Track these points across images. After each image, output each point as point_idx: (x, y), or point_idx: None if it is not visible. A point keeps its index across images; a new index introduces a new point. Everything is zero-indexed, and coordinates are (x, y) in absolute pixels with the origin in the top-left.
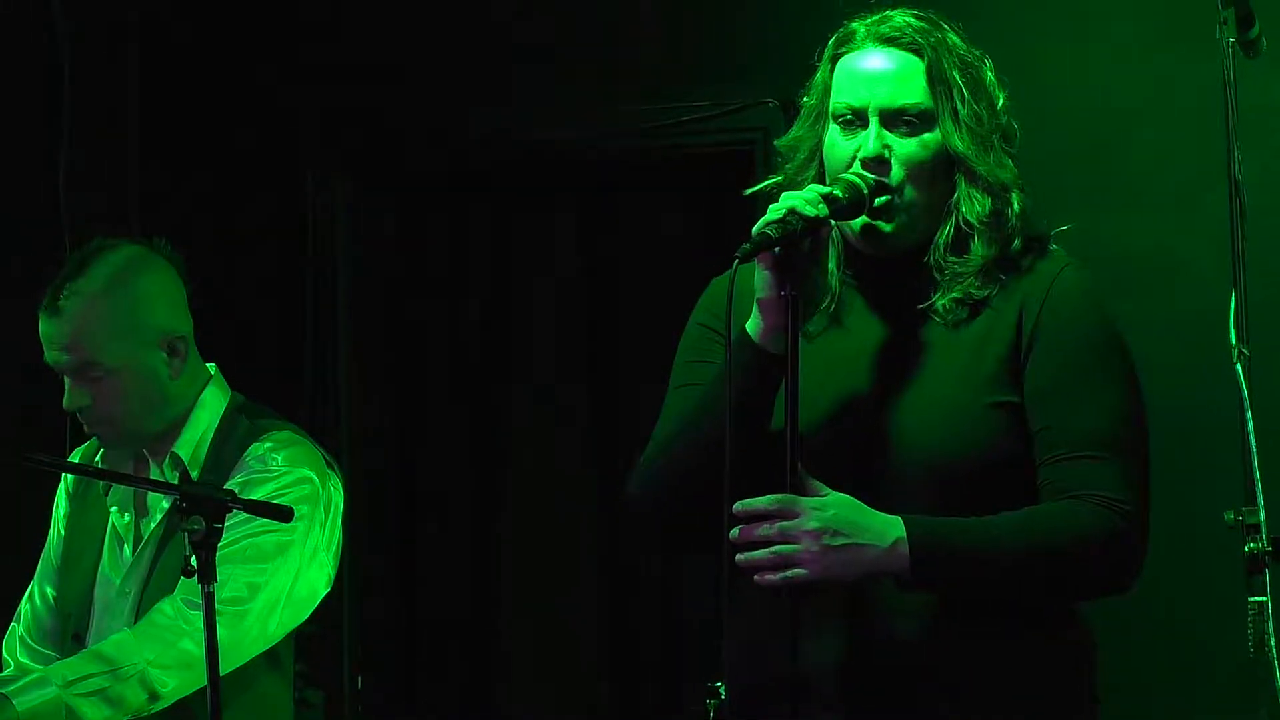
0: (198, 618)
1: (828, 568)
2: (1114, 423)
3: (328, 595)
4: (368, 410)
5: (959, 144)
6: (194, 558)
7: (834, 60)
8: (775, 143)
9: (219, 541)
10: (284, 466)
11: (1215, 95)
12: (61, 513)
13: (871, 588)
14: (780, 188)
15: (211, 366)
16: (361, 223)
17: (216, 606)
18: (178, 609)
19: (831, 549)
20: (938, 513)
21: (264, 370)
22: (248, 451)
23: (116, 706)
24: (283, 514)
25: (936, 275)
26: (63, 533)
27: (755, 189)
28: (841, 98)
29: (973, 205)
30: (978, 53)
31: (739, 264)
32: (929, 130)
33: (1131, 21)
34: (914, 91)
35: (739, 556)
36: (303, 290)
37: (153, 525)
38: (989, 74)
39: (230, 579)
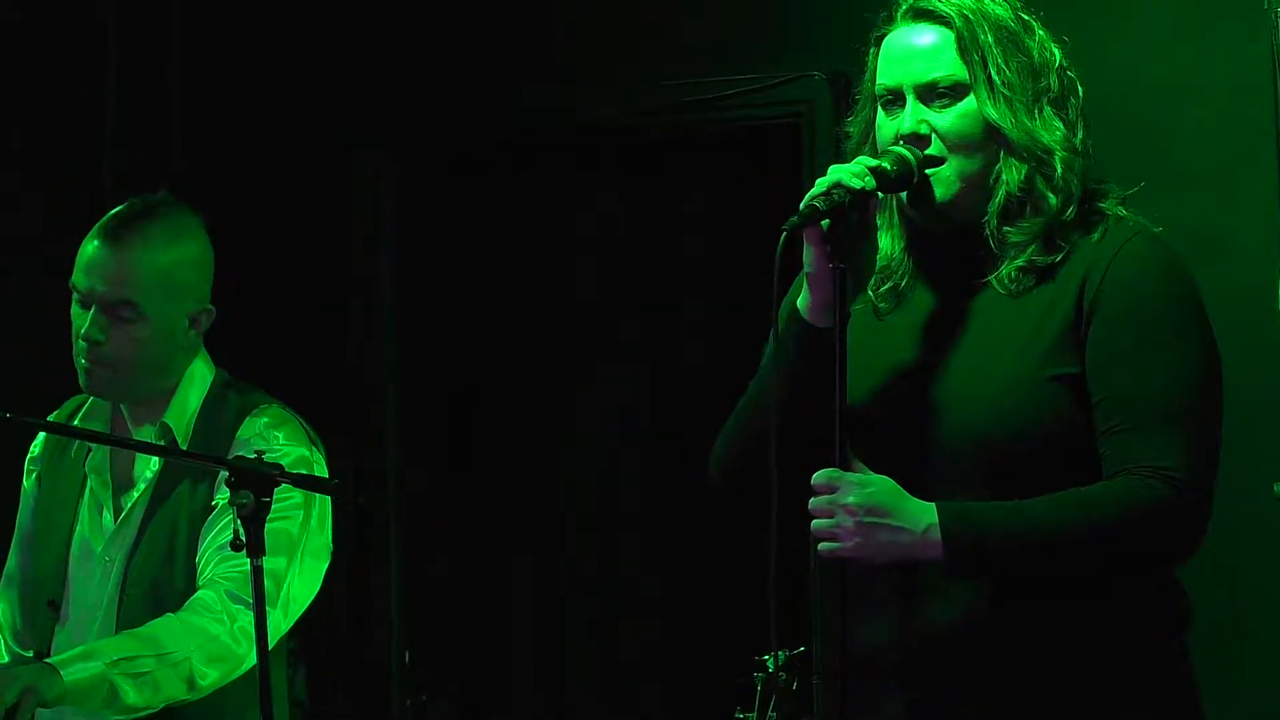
0: (239, 612)
1: (861, 546)
2: (1171, 391)
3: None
4: (414, 391)
5: (993, 112)
6: (242, 532)
7: (878, 41)
8: (844, 127)
9: (267, 515)
10: (285, 445)
11: (1261, 70)
12: (33, 480)
13: (931, 567)
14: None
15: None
16: (407, 200)
17: (246, 597)
18: (223, 602)
19: (866, 526)
20: (991, 488)
21: (309, 350)
22: (244, 426)
23: (156, 692)
24: (327, 485)
25: (995, 247)
26: (35, 500)
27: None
28: (881, 79)
29: (1011, 173)
30: (1026, 16)
31: (787, 237)
32: (965, 101)
33: None
34: (945, 64)
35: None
36: (349, 268)
37: (135, 495)
38: (1036, 35)
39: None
